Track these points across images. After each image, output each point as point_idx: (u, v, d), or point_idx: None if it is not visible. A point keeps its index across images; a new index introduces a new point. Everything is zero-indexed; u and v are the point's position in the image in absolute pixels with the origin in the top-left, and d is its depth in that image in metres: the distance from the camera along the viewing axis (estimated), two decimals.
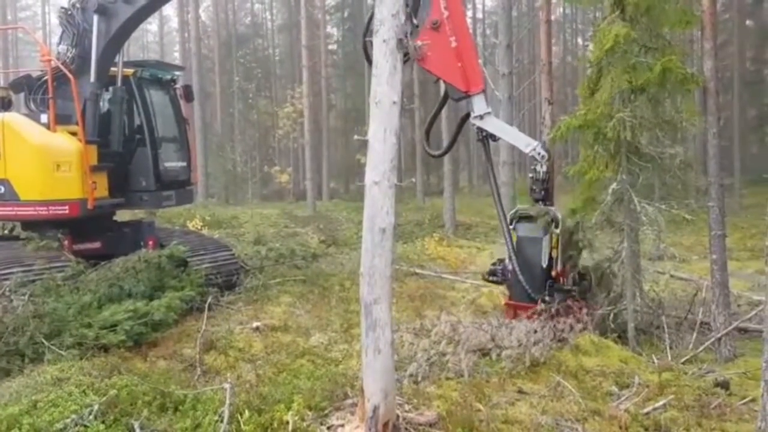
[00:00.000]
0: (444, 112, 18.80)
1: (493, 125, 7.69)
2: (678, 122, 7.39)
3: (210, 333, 7.17)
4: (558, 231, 7.20)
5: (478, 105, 7.51)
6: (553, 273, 7.35)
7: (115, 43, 8.89)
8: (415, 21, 7.16)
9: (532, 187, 7.58)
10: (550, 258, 7.33)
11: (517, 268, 7.39)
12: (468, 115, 7.79)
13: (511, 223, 7.60)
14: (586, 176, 7.24)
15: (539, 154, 7.43)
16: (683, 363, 6.42)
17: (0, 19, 38.41)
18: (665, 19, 7.10)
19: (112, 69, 9.17)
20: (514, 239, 7.57)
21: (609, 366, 6.11)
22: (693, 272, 10.25)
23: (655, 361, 6.32)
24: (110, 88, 9.17)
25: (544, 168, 7.41)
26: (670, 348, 6.84)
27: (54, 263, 7.81)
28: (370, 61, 8.16)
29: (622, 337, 6.97)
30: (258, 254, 12.17)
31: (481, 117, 7.52)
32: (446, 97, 8.11)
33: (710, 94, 7.08)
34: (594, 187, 7.23)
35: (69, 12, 8.77)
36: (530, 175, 7.72)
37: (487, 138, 7.78)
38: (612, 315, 7.10)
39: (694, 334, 7.12)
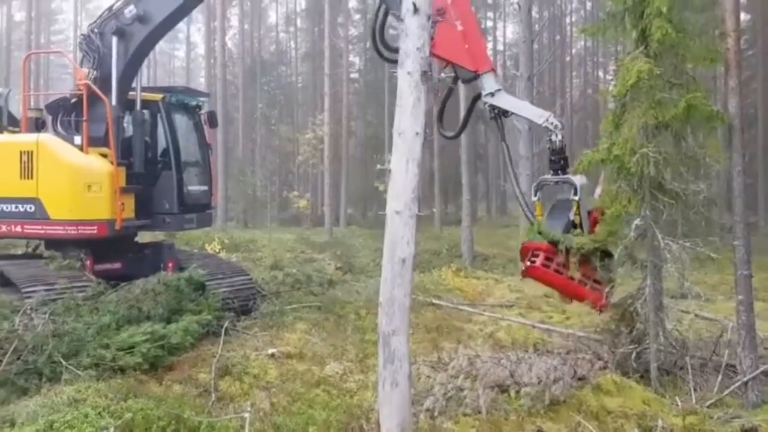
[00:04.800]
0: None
1: (505, 101, 7.71)
2: (701, 158, 7.33)
3: (225, 358, 7.13)
4: (578, 198, 7.15)
5: (488, 83, 7.56)
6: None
7: (133, 64, 9.13)
8: None
9: (551, 157, 7.57)
10: (573, 222, 7.29)
11: (530, 215, 7.43)
12: (478, 96, 7.80)
13: (535, 194, 7.67)
14: (608, 211, 7.17)
15: (552, 123, 7.40)
16: (708, 407, 6.23)
17: (34, 43, 39.56)
18: (689, 55, 7.09)
19: (136, 93, 9.40)
20: (539, 209, 7.59)
21: (631, 407, 5.96)
22: (718, 312, 10.00)
23: (679, 403, 6.14)
24: (131, 112, 9.33)
25: (560, 137, 7.40)
26: (695, 390, 6.64)
27: (75, 283, 7.89)
28: (380, 55, 8.25)
29: (644, 377, 6.80)
30: (275, 279, 12.19)
31: (492, 94, 7.57)
32: (456, 80, 8.09)
33: (735, 132, 7.00)
34: (616, 222, 7.15)
35: (88, 37, 9.05)
36: (547, 146, 7.71)
37: (499, 115, 7.81)
38: (634, 354, 6.95)
39: (719, 377, 6.91)
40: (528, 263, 7.39)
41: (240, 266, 11.39)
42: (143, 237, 10.53)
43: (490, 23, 46.06)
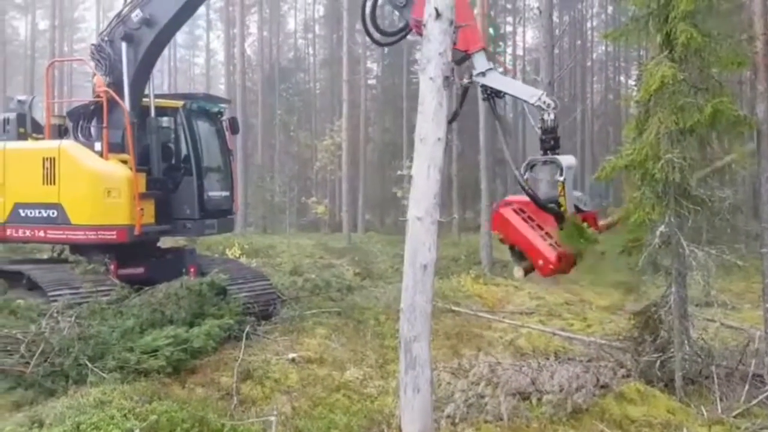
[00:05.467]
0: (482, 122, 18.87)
1: (496, 80, 7.42)
2: (727, 164, 7.22)
3: (247, 362, 7.17)
4: (563, 179, 6.75)
5: (480, 62, 7.31)
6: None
7: (143, 69, 9.20)
8: None
9: (542, 137, 7.15)
10: (558, 203, 6.83)
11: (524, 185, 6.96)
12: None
13: (524, 173, 7.24)
14: (632, 218, 7.09)
15: (545, 102, 7.03)
16: (735, 417, 6.12)
17: (57, 51, 40.32)
18: (716, 59, 7.00)
19: (157, 101, 9.52)
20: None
21: (655, 416, 5.89)
22: (744, 321, 9.83)
23: (705, 413, 6.05)
24: (146, 119, 9.37)
25: (552, 116, 7.03)
26: (720, 400, 6.51)
27: (100, 287, 8.02)
28: (370, 37, 8.12)
29: (668, 386, 6.69)
30: (294, 285, 12.23)
31: (483, 74, 7.29)
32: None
33: (763, 137, 6.91)
34: (640, 229, 7.06)
35: (99, 46, 9.18)
36: (538, 125, 7.45)
37: (492, 96, 7.53)
38: (659, 363, 6.85)
39: (746, 387, 6.77)
40: (496, 206, 7.13)
41: (260, 271, 11.46)
42: (165, 242, 10.64)
43: (509, 28, 45.92)
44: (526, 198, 6.95)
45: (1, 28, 42.19)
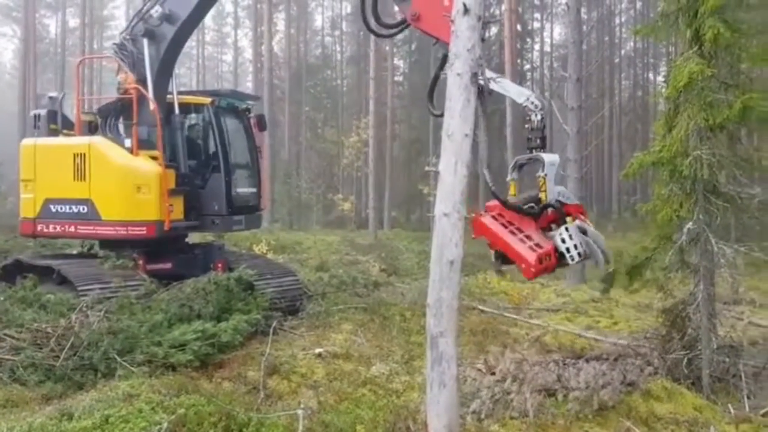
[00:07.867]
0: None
1: (485, 78, 7.35)
2: (756, 161, 7.09)
3: (274, 357, 7.27)
4: (544, 174, 6.66)
5: None
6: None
7: (165, 66, 9.28)
8: None
9: (528, 136, 7.03)
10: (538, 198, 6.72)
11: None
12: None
13: (511, 173, 7.14)
14: (659, 215, 7.02)
15: (533, 103, 6.91)
16: (763, 415, 6.03)
17: (87, 48, 41.11)
18: (747, 55, 6.89)
19: (185, 98, 9.66)
20: (513, 188, 7.02)
21: (682, 414, 5.82)
22: None
23: (732, 411, 5.97)
24: (171, 116, 9.46)
25: (539, 117, 6.93)
26: (748, 398, 6.43)
27: (129, 282, 8.17)
28: (368, 28, 8.05)
29: (695, 384, 6.63)
30: (320, 280, 12.34)
31: None
32: (445, 58, 7.74)
33: None
34: (668, 226, 6.99)
35: (122, 44, 9.28)
36: (526, 125, 7.39)
37: (481, 92, 7.40)
38: (686, 360, 6.78)
39: None
40: (475, 214, 7.04)
41: (288, 267, 11.56)
42: (193, 238, 10.80)
43: (537, 24, 45.48)
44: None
45: (32, 26, 43.07)
